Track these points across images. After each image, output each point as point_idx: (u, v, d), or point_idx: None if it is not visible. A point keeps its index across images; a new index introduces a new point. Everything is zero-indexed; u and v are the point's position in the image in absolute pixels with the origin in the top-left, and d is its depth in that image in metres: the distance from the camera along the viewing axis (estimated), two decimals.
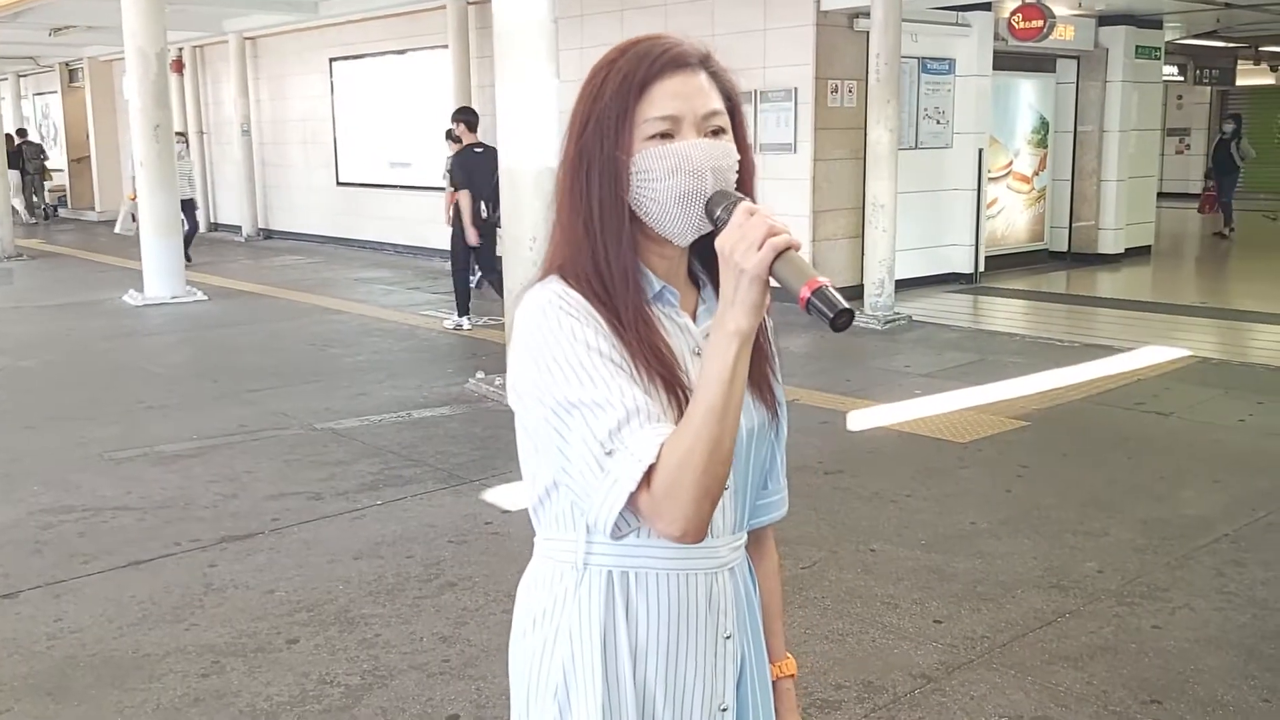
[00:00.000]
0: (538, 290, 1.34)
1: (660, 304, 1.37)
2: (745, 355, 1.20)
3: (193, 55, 19.35)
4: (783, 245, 1.19)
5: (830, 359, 8.33)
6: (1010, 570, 4.29)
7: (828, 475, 5.47)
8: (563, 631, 1.37)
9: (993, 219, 12.22)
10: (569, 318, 1.29)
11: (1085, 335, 8.95)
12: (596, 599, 1.35)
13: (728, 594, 1.42)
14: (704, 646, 1.40)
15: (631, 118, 1.31)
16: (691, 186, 1.30)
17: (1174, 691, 3.37)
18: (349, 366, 8.18)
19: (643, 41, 1.35)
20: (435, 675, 3.51)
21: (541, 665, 1.40)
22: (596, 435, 1.22)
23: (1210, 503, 5.07)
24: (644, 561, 1.36)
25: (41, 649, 3.75)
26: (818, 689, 3.41)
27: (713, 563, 1.40)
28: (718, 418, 1.19)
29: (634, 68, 1.32)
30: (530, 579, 1.45)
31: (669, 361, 1.32)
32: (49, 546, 4.69)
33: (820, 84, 10.14)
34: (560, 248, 1.37)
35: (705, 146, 1.32)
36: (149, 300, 11.29)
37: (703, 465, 1.18)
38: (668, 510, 1.20)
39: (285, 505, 5.15)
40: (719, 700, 1.42)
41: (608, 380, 1.24)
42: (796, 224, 10.30)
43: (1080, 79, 12.92)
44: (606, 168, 1.32)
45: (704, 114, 1.33)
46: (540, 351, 1.28)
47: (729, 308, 1.20)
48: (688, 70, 1.34)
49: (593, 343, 1.27)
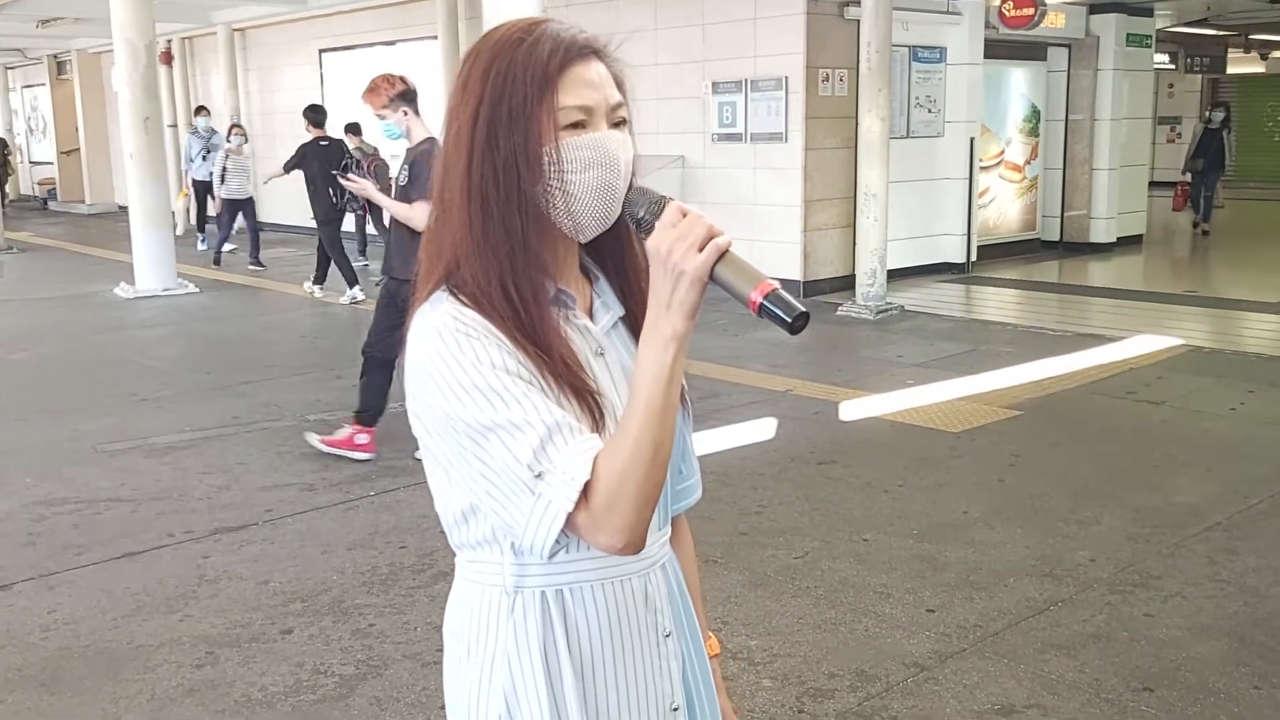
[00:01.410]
0: (426, 314, 1.26)
1: (558, 307, 1.30)
2: (682, 358, 1.16)
3: (182, 47, 19.25)
4: (725, 246, 1.14)
5: (822, 349, 8.34)
6: (1003, 559, 4.31)
7: (820, 465, 5.48)
8: (499, 657, 1.31)
9: (984, 208, 12.23)
10: (468, 339, 1.21)
11: (1077, 325, 8.97)
12: (532, 621, 1.29)
13: (661, 591, 1.38)
14: (647, 649, 1.36)
15: (549, 105, 1.23)
16: (609, 179, 1.25)
17: (1166, 679, 3.39)
18: (341, 358, 8.16)
19: (539, 25, 1.26)
20: (429, 665, 3.51)
21: (480, 693, 1.33)
22: (520, 459, 1.17)
23: (1202, 491, 5.09)
24: (576, 576, 1.30)
25: (35, 640, 3.75)
26: (811, 678, 3.42)
27: (644, 563, 1.35)
28: (658, 422, 1.15)
29: (543, 54, 1.24)
30: (457, 602, 1.38)
31: (578, 370, 1.26)
32: (42, 538, 4.68)
33: (811, 73, 10.13)
34: (446, 255, 1.27)
35: (619, 139, 1.27)
36: (140, 293, 11.25)
37: (644, 473, 1.14)
38: (608, 524, 1.16)
39: (279, 496, 5.14)
40: (669, 700, 1.39)
41: (520, 399, 1.18)
42: (787, 214, 10.32)
43: (1071, 67, 12.92)
44: (516, 160, 1.24)
45: (613, 104, 1.28)
46: (443, 378, 1.21)
47: (664, 311, 1.15)
48: (593, 58, 1.28)
49: (498, 362, 1.20)
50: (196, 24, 17.46)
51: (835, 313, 9.44)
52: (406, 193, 5.35)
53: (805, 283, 10.20)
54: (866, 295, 9.58)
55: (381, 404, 5.63)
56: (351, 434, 5.64)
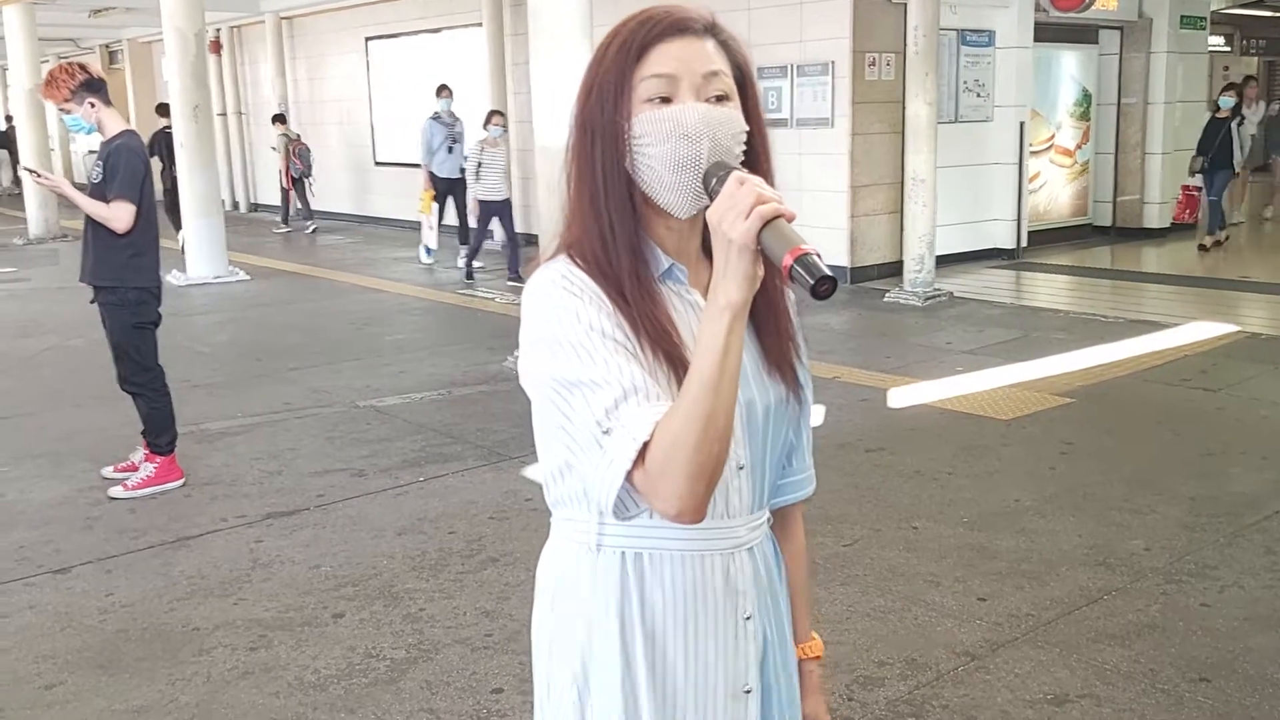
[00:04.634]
0: (542, 271, 1.32)
1: (669, 280, 1.33)
2: (739, 328, 1.16)
3: (230, 36, 19.46)
4: (770, 214, 1.13)
5: (871, 336, 8.28)
6: (1055, 548, 4.26)
7: (869, 453, 5.44)
8: (580, 614, 1.36)
9: (1035, 193, 12.06)
10: (571, 297, 1.26)
11: (1130, 311, 8.83)
12: (611, 581, 1.34)
13: (746, 574, 1.39)
14: (723, 628, 1.37)
15: (630, 80, 1.27)
16: (687, 153, 1.25)
17: (1223, 670, 3.34)
18: (389, 345, 8.23)
19: (650, 8, 1.32)
20: (479, 649, 3.54)
21: (557, 647, 1.39)
22: (594, 414, 1.20)
23: (1259, 480, 5.00)
24: (657, 543, 1.33)
25: (93, 623, 3.82)
26: (860, 666, 3.40)
27: (729, 543, 1.37)
28: (710, 393, 1.15)
29: (635, 32, 1.29)
30: (547, 557, 1.45)
31: (673, 338, 1.28)
32: (99, 523, 4.77)
33: (857, 57, 10.04)
34: (571, 224, 1.35)
35: (703, 111, 1.26)
36: (192, 280, 11.40)
37: (695, 442, 1.14)
38: (662, 488, 1.17)
39: (329, 482, 5.20)
40: (742, 682, 1.40)
41: (606, 359, 1.22)
42: (834, 200, 10.24)
43: (1124, 50, 12.69)
44: (607, 134, 1.29)
45: (704, 74, 1.28)
46: (543, 332, 1.26)
47: (720, 280, 1.16)
48: (690, 35, 1.30)
49: (595, 322, 1.24)
50: (245, 13, 17.63)
51: (883, 299, 9.36)
52: (102, 191, 4.88)
53: (853, 269, 10.13)
54: (914, 282, 9.49)
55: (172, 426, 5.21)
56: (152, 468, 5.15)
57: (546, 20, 6.70)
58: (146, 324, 5.11)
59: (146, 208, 4.99)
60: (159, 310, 5.18)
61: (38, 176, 5.72)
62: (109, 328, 5.12)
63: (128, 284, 5.00)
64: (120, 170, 4.87)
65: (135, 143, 5.05)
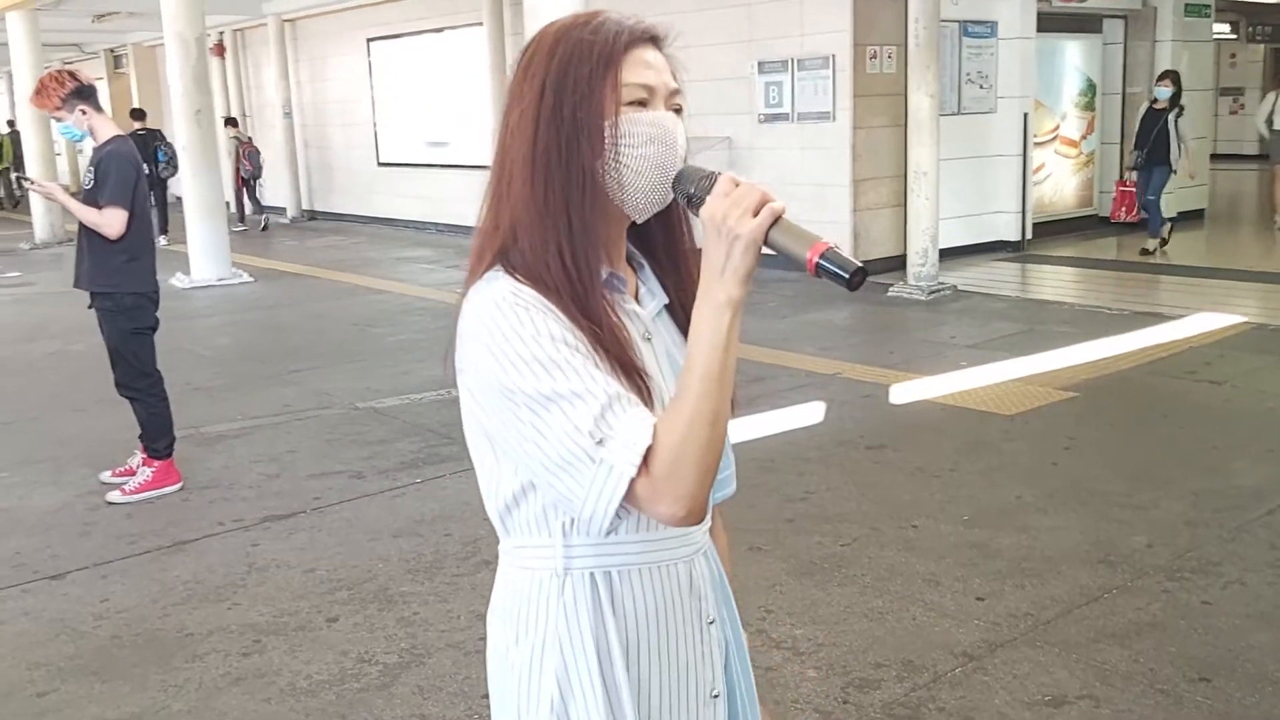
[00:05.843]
0: (484, 288, 1.26)
1: (609, 290, 1.31)
2: (737, 325, 1.17)
3: (233, 39, 19.49)
4: (780, 211, 1.15)
5: (873, 331, 8.23)
6: (1056, 545, 4.22)
7: (869, 450, 5.40)
8: (550, 641, 1.32)
9: (1039, 185, 11.99)
10: (526, 312, 1.22)
11: (1136, 303, 8.76)
12: (583, 602, 1.31)
13: (705, 579, 1.40)
14: (691, 636, 1.37)
15: (613, 81, 1.27)
16: (666, 157, 1.27)
17: (1224, 669, 3.29)
18: (391, 346, 8.22)
19: (601, 14, 1.32)
20: (471, 654, 3.51)
21: (531, 678, 1.34)
22: (580, 426, 1.17)
23: (1264, 473, 4.94)
24: (624, 559, 1.32)
25: (88, 629, 3.81)
26: (856, 668, 3.37)
27: (689, 549, 1.37)
28: (716, 388, 1.15)
29: (609, 34, 1.29)
30: (504, 589, 1.38)
31: (631, 349, 1.27)
32: (97, 528, 4.76)
33: (858, 50, 9.98)
34: (504, 229, 1.29)
35: (675, 120, 1.30)
36: (196, 283, 11.41)
37: (705, 440, 1.14)
38: (670, 491, 1.15)
39: (327, 484, 5.18)
40: (710, 688, 1.40)
41: (579, 370, 1.19)
42: (836, 194, 10.19)
43: (1128, 39, 12.60)
44: (579, 131, 1.26)
45: (672, 89, 1.31)
46: (502, 350, 1.21)
47: (718, 277, 1.16)
48: (655, 44, 1.32)
49: (557, 335, 1.21)
50: (247, 15, 17.64)
51: (886, 293, 9.31)
52: (94, 197, 4.89)
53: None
54: (918, 275, 9.43)
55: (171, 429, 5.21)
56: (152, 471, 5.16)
57: (545, 20, 6.66)
58: (143, 329, 5.10)
59: (140, 213, 4.99)
60: (156, 315, 5.18)
61: (32, 184, 5.71)
62: (106, 333, 5.12)
63: (123, 289, 5.00)
64: (111, 176, 4.86)
65: (126, 148, 5.04)
